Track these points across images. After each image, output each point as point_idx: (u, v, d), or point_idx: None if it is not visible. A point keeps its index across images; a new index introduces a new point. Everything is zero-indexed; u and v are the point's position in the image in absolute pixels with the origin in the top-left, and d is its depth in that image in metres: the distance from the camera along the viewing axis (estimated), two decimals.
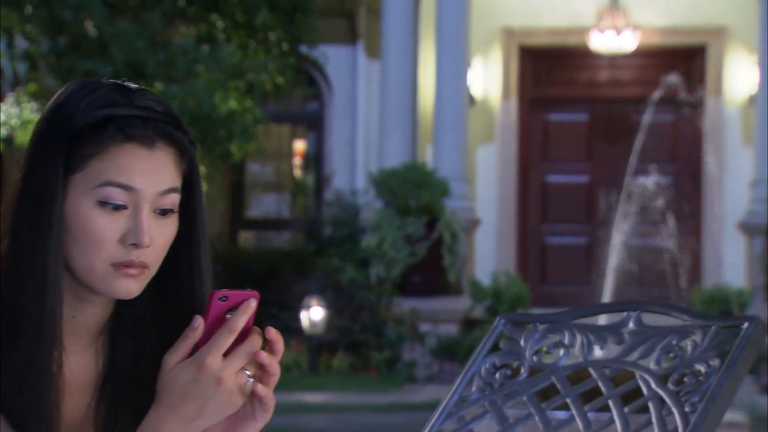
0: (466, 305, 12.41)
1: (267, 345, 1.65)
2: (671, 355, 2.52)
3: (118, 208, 1.66)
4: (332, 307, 11.93)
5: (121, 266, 1.67)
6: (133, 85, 1.71)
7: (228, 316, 1.62)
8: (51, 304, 1.65)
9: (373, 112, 14.21)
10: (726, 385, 2.43)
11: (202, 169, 9.57)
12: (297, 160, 15.56)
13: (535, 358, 2.67)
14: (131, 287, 1.68)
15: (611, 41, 14.06)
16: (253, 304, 1.62)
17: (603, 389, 2.55)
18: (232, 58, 11.00)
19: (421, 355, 11.93)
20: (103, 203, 1.66)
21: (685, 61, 14.39)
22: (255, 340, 1.62)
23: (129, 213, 1.67)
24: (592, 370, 2.59)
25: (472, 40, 13.55)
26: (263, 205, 15.54)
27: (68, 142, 1.66)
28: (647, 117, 13.96)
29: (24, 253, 1.66)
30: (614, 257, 13.17)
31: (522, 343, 2.68)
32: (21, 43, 11.59)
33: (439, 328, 11.99)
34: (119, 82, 1.71)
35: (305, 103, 14.52)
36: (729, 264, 14.04)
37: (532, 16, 14.44)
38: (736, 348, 2.44)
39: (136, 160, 1.67)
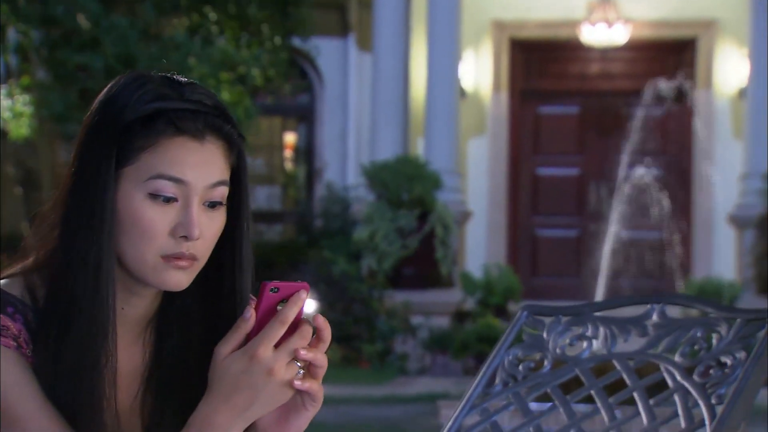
0: (457, 298, 12.42)
1: (314, 333, 1.66)
2: (696, 347, 2.53)
3: (168, 200, 1.68)
4: (324, 300, 11.93)
5: (171, 258, 1.68)
6: (183, 79, 1.73)
7: (279, 307, 1.62)
8: (104, 295, 1.67)
9: (365, 104, 14.21)
10: (752, 377, 2.44)
11: None
12: (288, 153, 15.55)
13: (558, 350, 2.68)
14: (181, 279, 1.70)
15: (602, 34, 14.07)
16: (303, 296, 1.62)
17: (628, 381, 2.56)
18: (225, 50, 10.97)
19: (413, 348, 11.94)
20: (154, 196, 1.67)
21: (675, 54, 14.41)
22: (305, 332, 1.62)
23: (179, 205, 1.68)
24: (616, 363, 2.60)
25: (463, 33, 13.54)
26: (254, 197, 15.50)
27: (119, 135, 1.67)
28: (638, 110, 13.99)
29: (76, 245, 1.67)
30: (605, 250, 13.20)
31: (545, 335, 2.69)
32: (13, 36, 11.57)
33: (431, 321, 12.00)
34: (169, 75, 1.72)
35: (296, 95, 14.51)
36: (719, 257, 14.08)
37: (523, 8, 14.45)
38: (763, 340, 2.45)
39: (187, 153, 1.68)
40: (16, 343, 1.66)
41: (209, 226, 1.70)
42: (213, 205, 1.71)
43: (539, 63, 14.75)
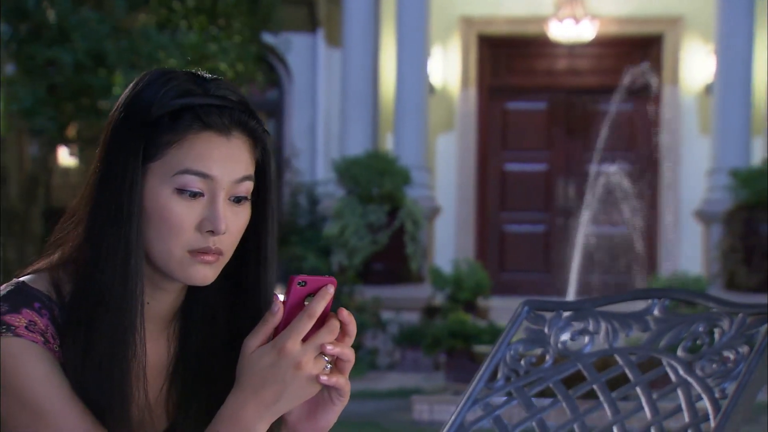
0: (427, 293, 12.44)
1: (340, 327, 1.67)
2: (698, 342, 2.55)
3: (195, 195, 1.69)
4: None
5: (197, 253, 1.69)
6: (208, 75, 1.74)
7: (306, 302, 1.63)
8: (132, 290, 1.68)
9: (334, 100, 14.20)
10: (756, 372, 2.46)
11: None
12: None
13: (560, 345, 2.69)
14: (207, 274, 1.71)
15: (570, 30, 14.12)
16: (331, 290, 1.63)
17: (630, 376, 2.58)
18: (194, 43, 10.93)
19: (383, 343, 11.95)
20: (181, 191, 1.68)
21: (642, 50, 14.48)
22: (333, 326, 1.63)
23: (205, 200, 1.69)
24: (618, 357, 2.62)
25: (432, 29, 13.56)
26: None
27: (146, 131, 1.67)
28: (605, 106, 14.06)
29: (104, 240, 1.68)
30: (572, 245, 13.25)
31: (546, 330, 2.70)
32: None
33: (401, 316, 12.01)
34: (194, 71, 1.74)
35: (265, 90, 14.47)
36: (685, 252, 14.17)
37: (491, 4, 14.48)
38: (765, 335, 2.47)
39: (213, 148, 1.69)
40: (43, 339, 1.67)
41: (235, 221, 1.71)
42: (238, 199, 1.72)
43: (507, 59, 14.79)
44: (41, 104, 10.69)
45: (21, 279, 1.73)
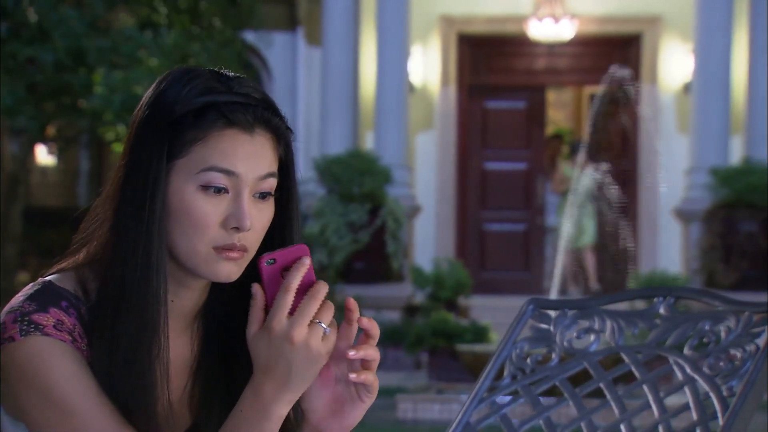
0: (408, 292, 12.46)
1: (362, 333, 1.69)
2: (704, 340, 2.56)
3: (219, 191, 1.69)
4: None
5: (222, 250, 1.70)
6: (231, 73, 1.75)
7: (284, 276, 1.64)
8: (155, 288, 1.68)
9: (313, 99, 14.20)
10: (763, 369, 2.47)
11: None
12: None
13: (565, 344, 2.70)
14: (232, 270, 1.72)
15: (549, 29, 14.16)
16: (306, 261, 1.65)
17: (637, 374, 2.59)
18: (176, 42, 10.91)
19: None
20: (206, 187, 1.69)
21: (621, 50, 14.53)
22: (314, 292, 1.64)
23: (230, 197, 1.70)
24: (624, 355, 2.63)
25: (412, 28, 13.57)
26: None
27: (170, 129, 1.68)
28: (584, 105, 14.10)
29: (129, 238, 1.69)
30: (553, 244, 13.29)
31: (552, 328, 2.71)
32: None
33: (382, 315, 12.00)
34: (217, 70, 1.74)
35: None
36: (664, 250, 14.22)
37: (470, 3, 14.50)
38: None
39: (237, 145, 1.70)
40: (71, 338, 1.67)
41: (259, 218, 1.72)
42: (263, 196, 1.73)
43: (487, 58, 14.81)
44: (21, 103, 10.64)
45: (47, 278, 1.73)
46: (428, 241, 14.23)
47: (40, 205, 14.87)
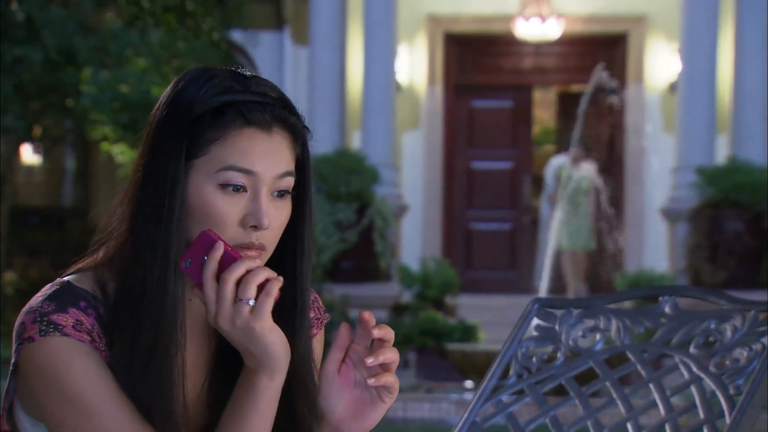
0: (395, 291, 12.46)
1: (374, 343, 1.73)
2: (710, 339, 2.57)
3: (238, 189, 1.70)
4: None
5: (241, 249, 1.70)
6: (248, 72, 1.75)
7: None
8: (173, 288, 1.69)
9: (300, 98, 14.15)
10: None
11: (134, 155, 9.44)
12: None
13: (571, 343, 2.70)
14: None
15: (536, 29, 14.18)
16: (218, 249, 1.65)
17: (643, 373, 2.59)
18: (163, 41, 10.89)
19: None
20: (224, 186, 1.70)
21: (607, 49, 14.55)
22: (229, 273, 1.65)
23: (248, 196, 1.71)
24: (630, 355, 2.63)
25: (398, 27, 13.56)
26: None
27: (189, 128, 1.68)
28: (571, 104, 14.12)
29: (148, 238, 1.69)
30: (541, 243, 13.31)
31: (557, 327, 2.71)
32: None
33: None
34: (234, 69, 1.75)
35: None
36: (650, 249, 14.26)
37: (457, 3, 14.51)
38: None
39: (256, 144, 1.71)
40: (90, 338, 1.68)
41: (277, 216, 1.73)
42: (280, 194, 1.74)
43: (473, 57, 14.83)
44: (9, 102, 10.62)
45: (65, 278, 1.73)
46: (415, 240, 14.24)
47: (26, 205, 14.83)
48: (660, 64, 14.43)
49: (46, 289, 1.72)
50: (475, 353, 9.05)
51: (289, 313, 1.78)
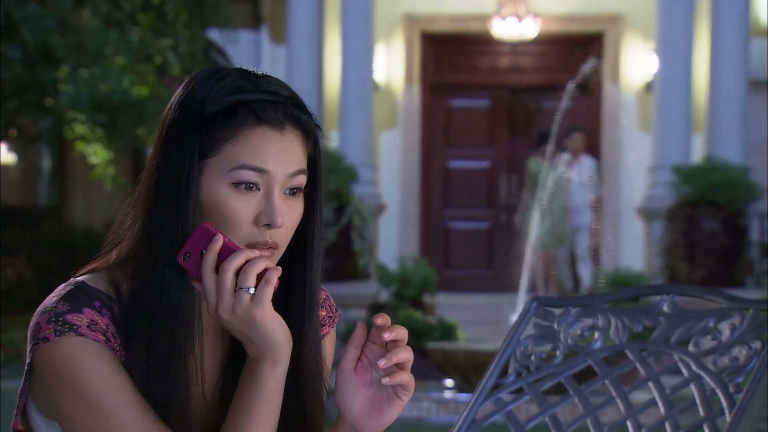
0: (373, 290, 12.46)
1: (388, 343, 1.73)
2: (709, 337, 2.58)
3: (251, 188, 1.71)
4: None
5: (254, 248, 1.70)
6: (258, 71, 1.75)
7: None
8: (188, 286, 1.69)
9: None
10: None
11: (110, 154, 9.37)
12: None
13: (569, 341, 2.71)
14: None
15: (512, 28, 14.21)
16: (216, 241, 1.66)
17: (642, 371, 2.60)
18: (143, 39, 10.85)
19: None
20: (237, 185, 1.70)
21: (583, 49, 14.60)
22: (228, 264, 1.65)
23: (261, 194, 1.72)
24: (629, 353, 2.64)
25: (375, 27, 13.57)
26: None
27: (201, 128, 1.69)
28: (547, 103, 14.15)
29: (162, 237, 1.69)
30: (518, 242, 13.32)
31: (555, 326, 2.72)
32: None
33: (347, 313, 12.00)
34: (244, 68, 1.75)
35: None
36: (626, 248, 14.31)
37: (434, 2, 14.53)
38: None
39: (268, 143, 1.71)
40: (104, 338, 1.68)
41: (290, 214, 1.74)
42: (293, 192, 1.75)
43: (450, 56, 14.85)
44: None
45: (79, 278, 1.73)
46: (392, 239, 14.25)
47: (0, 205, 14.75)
48: (636, 63, 14.50)
49: (60, 290, 1.72)
50: (456, 352, 9.06)
51: (298, 310, 1.79)
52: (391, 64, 14.48)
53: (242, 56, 14.47)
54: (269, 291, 1.65)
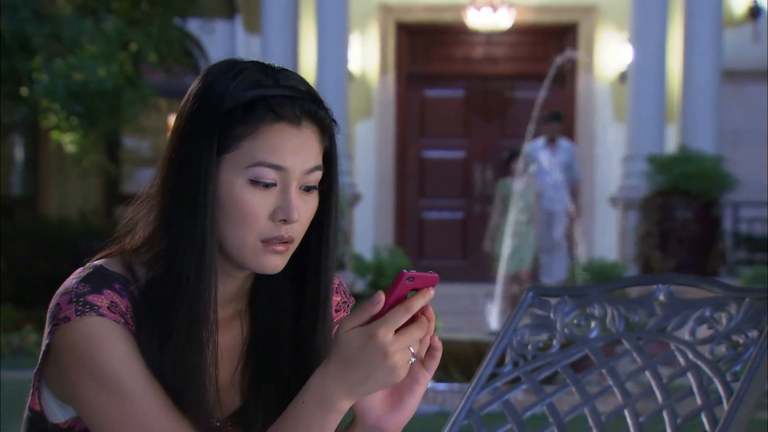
0: (349, 280, 12.45)
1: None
2: (706, 326, 2.60)
3: (268, 185, 1.71)
4: None
5: (270, 242, 1.72)
6: (275, 65, 1.75)
7: (409, 295, 1.66)
8: (206, 279, 1.70)
9: None
10: (766, 355, 2.51)
11: (84, 144, 9.31)
12: None
13: (566, 330, 2.72)
14: (278, 263, 1.74)
15: (487, 18, 14.21)
16: (431, 293, 1.67)
17: (639, 360, 2.62)
18: (118, 27, 10.80)
19: None
20: (255, 182, 1.71)
21: (557, 39, 14.62)
22: (424, 323, 1.66)
23: (278, 190, 1.72)
24: (625, 342, 2.66)
25: (350, 16, 13.55)
26: (139, 180, 15.34)
27: (219, 122, 1.69)
28: (522, 93, 14.18)
29: (181, 231, 1.70)
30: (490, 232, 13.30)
31: (552, 315, 2.73)
32: None
33: None
34: (262, 62, 1.75)
35: (182, 77, 14.34)
36: (600, 237, 14.36)
37: None
38: None
39: (286, 139, 1.71)
40: (123, 320, 1.69)
41: (305, 210, 1.75)
42: (308, 188, 1.75)
43: (425, 46, 14.85)
44: None
45: (97, 262, 1.73)
46: (368, 229, 14.25)
47: None
48: (610, 53, 14.53)
49: (79, 272, 1.72)
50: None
51: (312, 303, 1.80)
52: (366, 54, 14.47)
53: (217, 46, 14.42)
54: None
